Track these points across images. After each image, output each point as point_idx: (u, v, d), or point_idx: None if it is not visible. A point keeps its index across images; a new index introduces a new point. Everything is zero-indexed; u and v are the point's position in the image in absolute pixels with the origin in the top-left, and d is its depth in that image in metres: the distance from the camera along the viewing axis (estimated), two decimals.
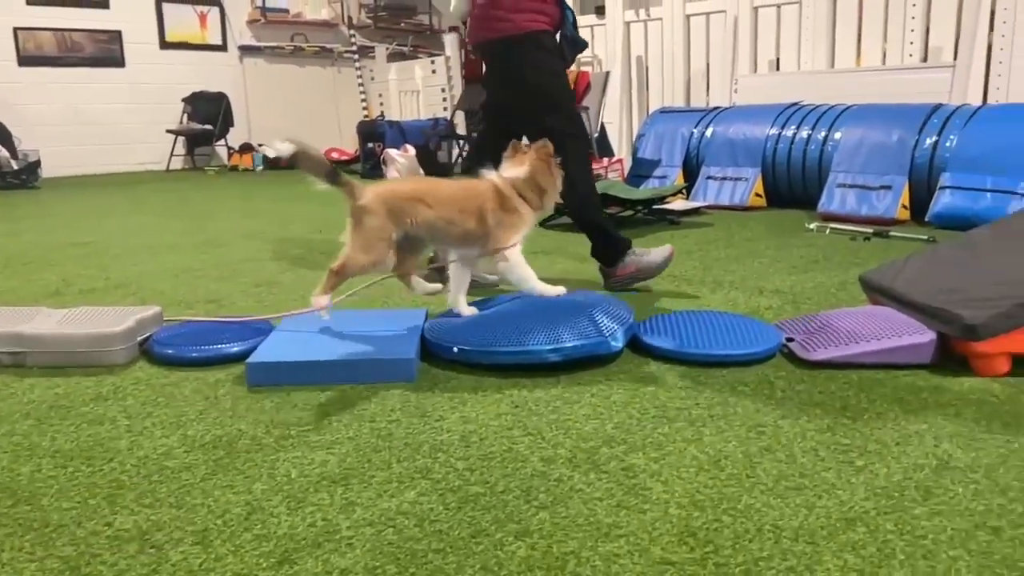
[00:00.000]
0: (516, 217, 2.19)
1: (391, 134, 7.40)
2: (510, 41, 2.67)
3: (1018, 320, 1.82)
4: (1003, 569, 1.09)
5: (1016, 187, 3.76)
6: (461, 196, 2.16)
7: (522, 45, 2.67)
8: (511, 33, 2.65)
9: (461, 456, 1.50)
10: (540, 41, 2.68)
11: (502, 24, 2.65)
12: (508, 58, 2.71)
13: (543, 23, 2.68)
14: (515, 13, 2.63)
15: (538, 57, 2.68)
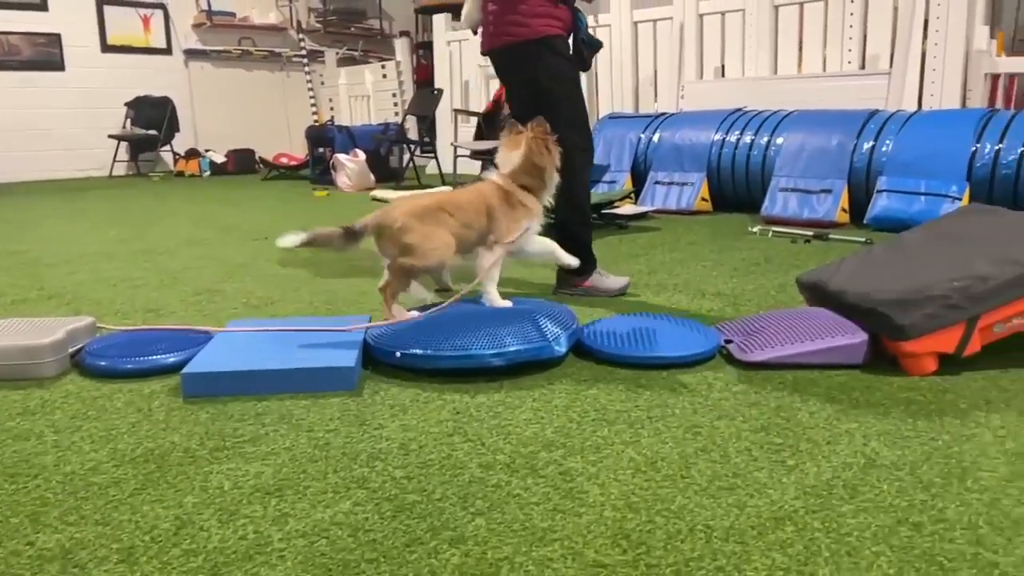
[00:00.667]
0: (521, 211, 2.26)
1: (341, 139, 7.33)
2: (525, 46, 2.67)
3: (944, 320, 1.88)
4: (922, 563, 1.13)
5: (948, 190, 3.89)
6: (473, 199, 2.25)
7: (536, 50, 2.66)
8: (527, 38, 2.65)
9: (399, 464, 1.49)
10: (554, 46, 2.68)
11: (518, 29, 2.66)
12: (523, 63, 2.71)
13: (557, 28, 2.69)
14: (530, 18, 2.64)
15: (552, 62, 2.69)
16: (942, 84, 5.08)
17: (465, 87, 8.14)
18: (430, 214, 2.19)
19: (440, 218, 2.19)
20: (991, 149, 3.87)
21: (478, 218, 2.23)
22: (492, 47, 2.79)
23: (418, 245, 2.16)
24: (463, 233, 2.22)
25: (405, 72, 9.20)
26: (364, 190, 6.71)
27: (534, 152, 2.26)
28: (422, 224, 2.17)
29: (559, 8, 2.70)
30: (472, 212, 2.23)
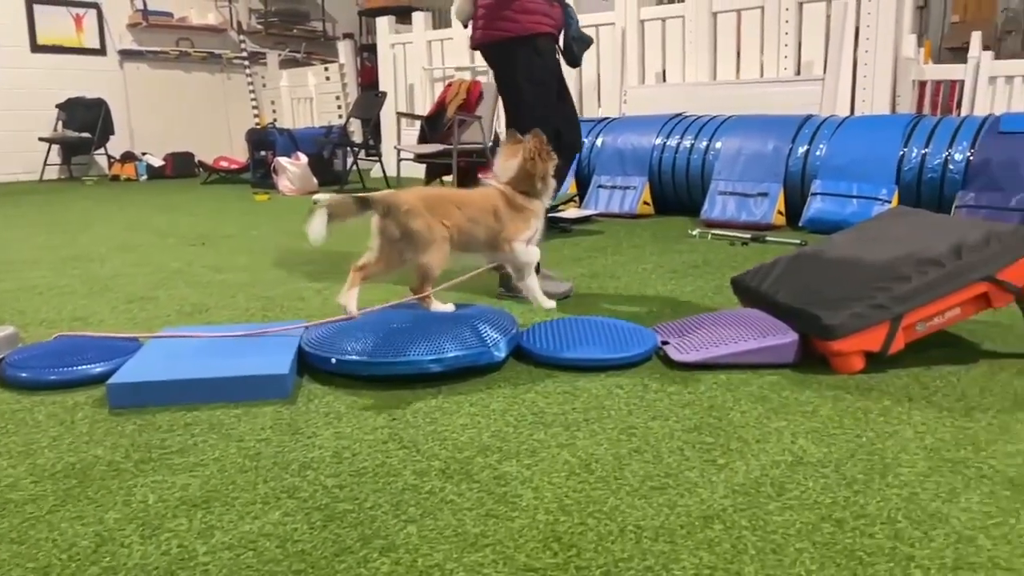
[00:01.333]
0: (526, 214, 2.31)
1: (282, 142, 7.21)
2: (509, 43, 2.70)
3: (870, 320, 1.93)
4: (843, 559, 1.15)
5: (878, 193, 4.01)
6: (480, 198, 2.30)
7: (520, 48, 2.70)
8: (515, 34, 2.68)
9: (331, 473, 1.47)
10: (537, 45, 2.71)
11: (507, 24, 2.68)
12: (506, 59, 2.75)
13: (547, 25, 2.72)
14: (521, 14, 2.67)
15: (531, 63, 2.72)
16: (873, 90, 5.25)
17: (410, 90, 8.10)
18: (439, 204, 2.20)
19: (448, 209, 2.20)
20: (918, 153, 4.00)
21: (485, 216, 2.25)
22: (481, 42, 2.81)
23: (421, 232, 2.14)
24: (470, 228, 2.24)
25: (349, 75, 9.11)
26: (306, 194, 6.62)
27: (528, 161, 2.30)
28: (430, 213, 2.16)
29: (554, 7, 2.74)
30: (478, 209, 2.25)
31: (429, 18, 7.94)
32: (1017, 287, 1.95)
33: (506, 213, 2.28)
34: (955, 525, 1.23)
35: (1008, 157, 3.67)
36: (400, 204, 2.13)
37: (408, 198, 2.15)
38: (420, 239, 2.14)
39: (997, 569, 1.11)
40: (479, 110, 5.62)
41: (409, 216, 2.12)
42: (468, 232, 2.24)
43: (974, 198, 3.68)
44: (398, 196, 2.16)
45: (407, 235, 2.14)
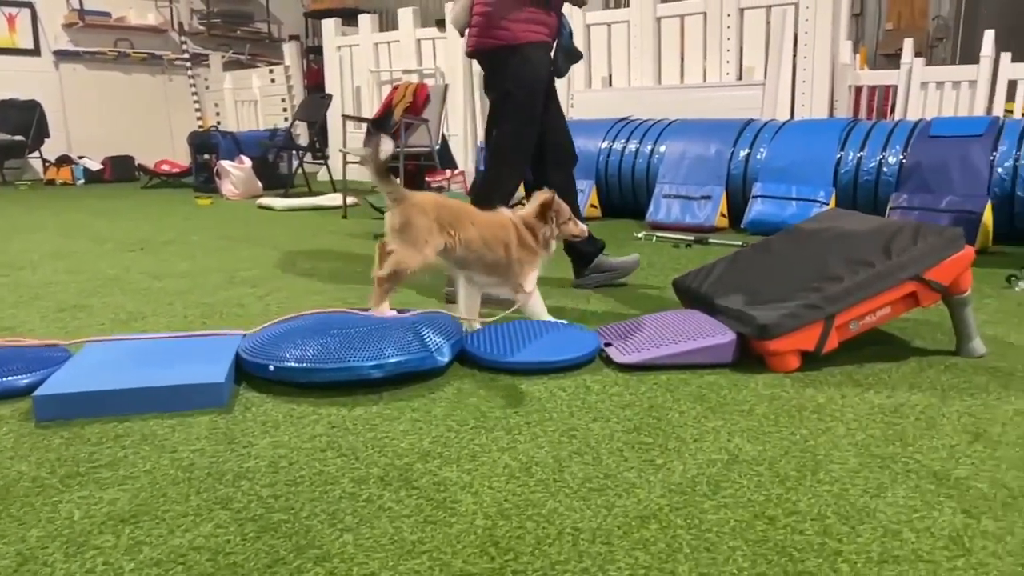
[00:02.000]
0: (532, 253, 2.30)
1: (225, 145, 7.07)
2: (503, 51, 2.72)
3: (805, 319, 1.98)
4: (774, 555, 1.18)
5: (816, 195, 4.11)
6: (495, 224, 2.26)
7: (512, 54, 2.71)
8: (508, 42, 2.70)
9: (267, 483, 1.44)
10: (527, 54, 2.72)
11: (501, 32, 2.70)
12: (499, 66, 2.76)
13: (541, 34, 2.74)
14: (515, 23, 2.69)
15: (520, 71, 2.74)
16: (812, 95, 5.38)
17: (357, 92, 8.02)
18: (453, 214, 2.20)
19: (462, 223, 2.20)
20: (854, 157, 4.12)
21: (497, 245, 2.24)
22: (475, 49, 2.83)
23: (418, 229, 2.14)
24: (480, 248, 2.22)
25: (294, 77, 8.98)
26: (251, 197, 6.50)
27: (536, 219, 2.30)
28: (437, 219, 2.16)
29: (549, 16, 2.76)
30: (493, 237, 2.23)
31: (376, 20, 7.88)
32: (943, 286, 2.01)
33: (516, 249, 2.26)
34: (881, 519, 1.27)
35: (938, 160, 3.79)
36: (411, 197, 2.15)
37: (421, 197, 2.19)
38: (412, 235, 2.14)
39: (920, 562, 1.15)
40: (426, 113, 5.59)
41: (414, 210, 2.14)
42: (477, 252, 2.23)
43: (907, 200, 3.79)
44: (415, 195, 2.18)
45: (404, 226, 2.14)
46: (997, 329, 2.34)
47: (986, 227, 3.54)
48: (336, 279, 3.25)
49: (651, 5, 5.98)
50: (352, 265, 3.54)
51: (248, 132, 8.04)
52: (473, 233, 2.22)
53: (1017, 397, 1.79)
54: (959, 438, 1.58)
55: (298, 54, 9.25)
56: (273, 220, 5.22)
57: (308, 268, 3.49)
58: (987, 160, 3.69)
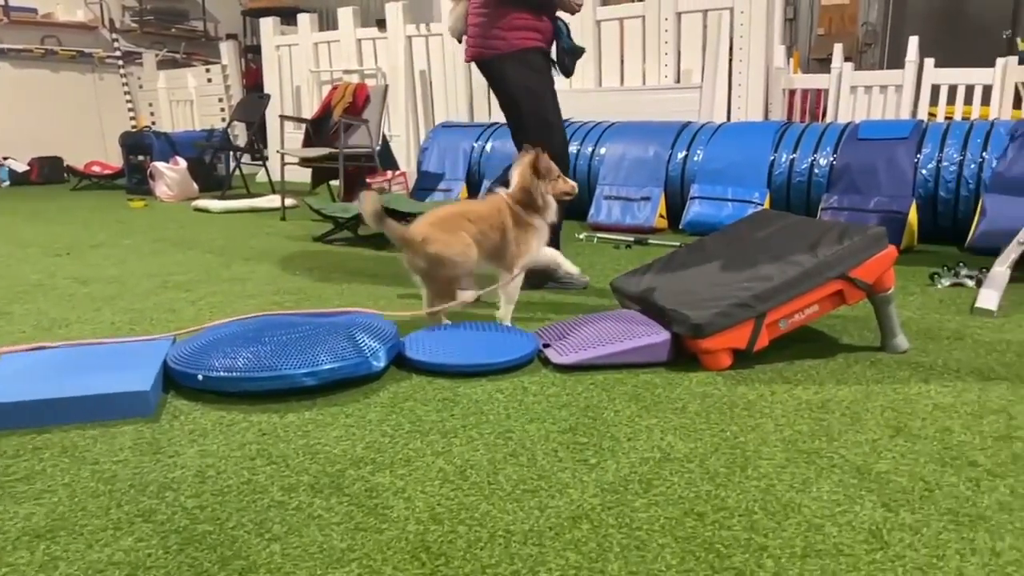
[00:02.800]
0: (529, 231, 2.36)
1: (159, 146, 6.87)
2: (502, 58, 2.78)
3: (736, 318, 2.01)
4: (702, 552, 1.19)
5: (751, 196, 4.20)
6: (490, 211, 2.34)
7: (512, 62, 2.78)
8: (504, 51, 2.77)
9: (193, 493, 1.40)
10: (528, 59, 2.79)
11: (496, 42, 2.77)
12: (501, 75, 2.83)
13: (535, 40, 2.80)
14: (508, 31, 2.75)
15: (524, 75, 2.80)
16: (747, 98, 5.50)
17: (296, 92, 7.90)
18: (449, 221, 2.28)
19: (460, 224, 2.28)
20: (787, 158, 4.22)
21: (493, 231, 2.32)
22: (474, 58, 2.89)
23: (442, 252, 2.23)
24: (480, 240, 2.30)
25: (232, 76, 8.79)
26: (186, 200, 6.34)
27: (524, 177, 2.35)
28: (443, 232, 2.24)
29: (542, 21, 2.81)
30: (488, 224, 2.32)
31: (315, 20, 7.77)
32: (868, 284, 2.07)
33: (511, 230, 2.34)
34: (806, 514, 1.29)
35: (866, 162, 3.91)
36: (415, 236, 2.23)
37: (420, 229, 2.24)
38: (444, 259, 2.24)
39: (841, 555, 1.18)
40: (366, 113, 5.53)
41: (426, 244, 2.22)
42: (479, 244, 2.31)
43: (837, 200, 3.90)
44: (412, 229, 2.25)
45: (429, 261, 2.24)
46: (920, 325, 2.42)
47: (911, 226, 3.67)
48: (273, 282, 3.19)
49: (591, 8, 6.03)
50: (290, 268, 3.48)
51: (183, 132, 7.83)
52: (473, 229, 2.29)
53: (937, 391, 1.86)
54: (881, 432, 1.62)
55: (236, 53, 9.06)
56: (209, 222, 5.10)
57: (244, 271, 3.42)
58: (912, 162, 3.82)
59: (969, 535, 1.22)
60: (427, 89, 7.06)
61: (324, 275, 3.33)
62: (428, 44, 6.92)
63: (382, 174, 5.28)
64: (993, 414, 1.71)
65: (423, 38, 6.93)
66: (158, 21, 9.82)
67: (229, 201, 5.78)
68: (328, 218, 4.30)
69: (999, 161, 3.59)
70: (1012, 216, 3.23)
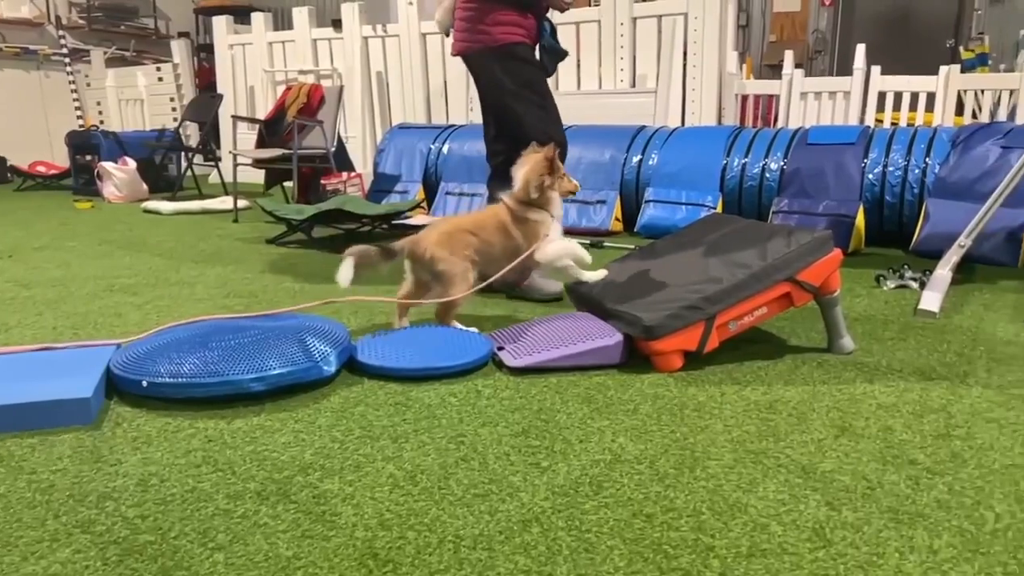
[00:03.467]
0: (533, 226, 2.37)
1: (108, 146, 6.70)
2: (487, 52, 2.81)
3: (687, 320, 2.04)
4: (650, 553, 1.20)
5: (704, 200, 4.26)
6: (491, 218, 2.40)
7: (500, 56, 2.80)
8: (489, 45, 2.79)
9: (134, 503, 1.37)
10: (516, 52, 2.81)
11: (481, 36, 2.79)
12: (488, 69, 2.85)
13: (520, 35, 2.81)
14: (493, 26, 2.78)
15: (516, 68, 2.82)
16: (701, 103, 5.57)
17: (250, 92, 7.77)
18: (456, 238, 2.32)
19: (466, 240, 2.32)
20: (739, 163, 4.29)
21: (497, 235, 2.37)
22: (460, 52, 2.90)
23: (446, 272, 2.29)
24: (487, 249, 2.36)
25: (184, 75, 8.62)
26: (135, 201, 6.19)
27: (531, 177, 2.36)
28: (450, 251, 2.30)
29: (527, 19, 2.83)
30: (491, 230, 2.37)
31: (270, 19, 7.66)
32: (815, 286, 2.11)
33: (514, 230, 2.37)
34: (752, 514, 1.31)
35: (815, 167, 3.99)
36: (423, 252, 2.28)
37: (427, 244, 2.29)
38: (446, 278, 2.29)
39: (785, 554, 1.19)
40: (321, 114, 5.47)
41: (433, 262, 2.28)
42: (487, 253, 2.36)
43: (787, 204, 3.98)
44: (419, 245, 2.29)
45: (435, 276, 2.30)
46: (866, 326, 2.48)
47: (859, 230, 3.75)
48: (223, 285, 3.13)
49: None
50: (241, 271, 3.42)
51: (133, 132, 7.65)
52: (476, 241, 2.34)
53: (880, 391, 1.90)
54: (827, 432, 1.66)
55: (188, 52, 8.88)
56: (159, 224, 4.99)
57: (194, 274, 3.35)
58: (859, 167, 3.91)
59: (908, 533, 1.25)
60: (384, 90, 7.02)
61: (277, 278, 3.28)
62: (385, 45, 6.88)
63: (337, 175, 5.22)
64: (933, 413, 1.75)
65: (379, 39, 6.89)
66: (107, 18, 9.58)
67: (180, 203, 5.66)
68: (281, 220, 4.24)
69: (942, 167, 3.69)
70: (954, 220, 3.32)
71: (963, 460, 1.51)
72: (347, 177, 5.39)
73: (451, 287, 2.29)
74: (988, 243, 3.33)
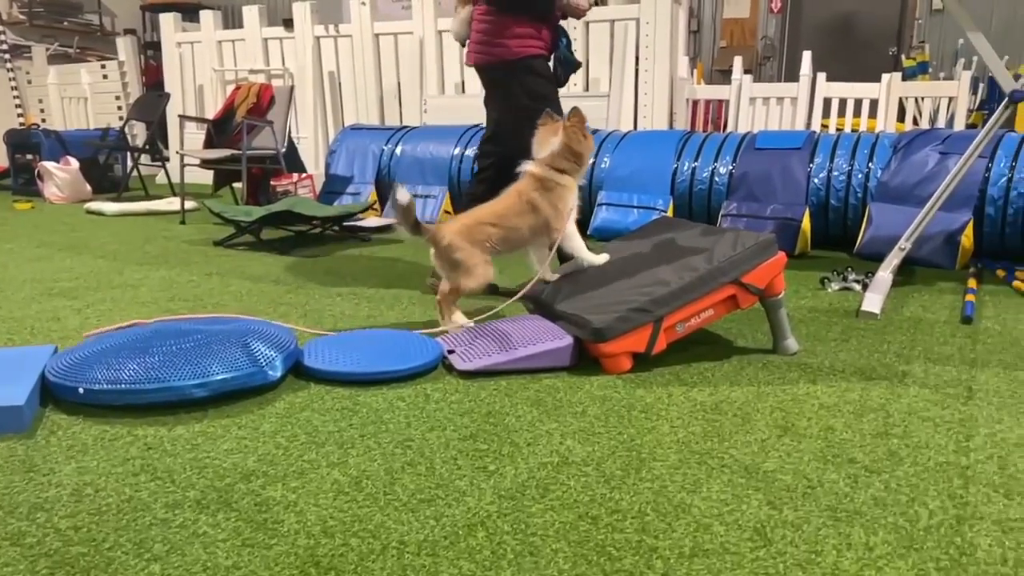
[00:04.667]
0: (560, 192, 2.39)
1: (49, 145, 6.51)
2: (504, 66, 2.82)
3: (635, 322, 2.05)
4: (594, 555, 1.20)
5: (656, 203, 4.30)
6: (515, 200, 2.41)
7: (516, 70, 2.81)
8: (506, 58, 2.80)
9: (67, 513, 1.32)
10: (533, 66, 2.81)
11: (498, 49, 2.81)
12: (504, 82, 2.86)
13: (537, 48, 2.81)
14: (510, 39, 2.77)
15: (530, 82, 2.82)
16: (653, 107, 5.64)
17: (199, 92, 7.62)
18: (477, 230, 2.37)
19: (486, 232, 2.37)
20: (689, 166, 4.34)
21: (522, 218, 2.40)
22: (475, 64, 2.91)
23: (464, 261, 2.34)
24: (510, 234, 2.40)
25: (130, 73, 8.41)
26: (78, 202, 6.02)
27: (572, 139, 2.39)
28: (470, 242, 2.35)
29: (543, 30, 2.84)
30: (514, 215, 2.40)
31: (219, 17, 7.53)
32: (760, 289, 2.15)
33: (542, 200, 2.38)
34: (695, 514, 1.33)
35: (763, 171, 4.06)
36: (440, 240, 2.35)
37: (447, 232, 2.35)
38: (463, 267, 2.35)
39: (727, 554, 1.21)
40: (271, 114, 5.38)
41: (450, 250, 2.34)
42: (511, 238, 2.41)
43: (736, 208, 4.04)
44: (439, 233, 2.36)
45: (451, 264, 2.36)
46: (810, 327, 2.53)
47: (805, 233, 3.83)
48: (168, 288, 3.06)
49: None
50: (187, 273, 3.35)
51: (76, 131, 7.45)
52: (498, 232, 2.38)
53: (823, 392, 1.94)
54: (770, 432, 1.68)
55: (134, 49, 8.67)
56: (103, 226, 4.86)
57: (138, 277, 3.27)
58: (805, 171, 4.00)
59: (846, 530, 1.28)
60: (336, 91, 6.95)
61: (224, 281, 3.21)
62: (337, 45, 6.81)
63: (287, 177, 5.15)
64: (873, 412, 1.80)
65: (332, 39, 6.82)
66: (49, 14, 9.31)
67: (125, 204, 5.52)
68: (230, 222, 4.16)
69: (884, 172, 3.79)
70: (895, 223, 3.41)
71: (900, 458, 1.55)
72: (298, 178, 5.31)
73: (466, 276, 2.34)
74: (927, 246, 3.43)
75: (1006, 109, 2.87)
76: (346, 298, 2.92)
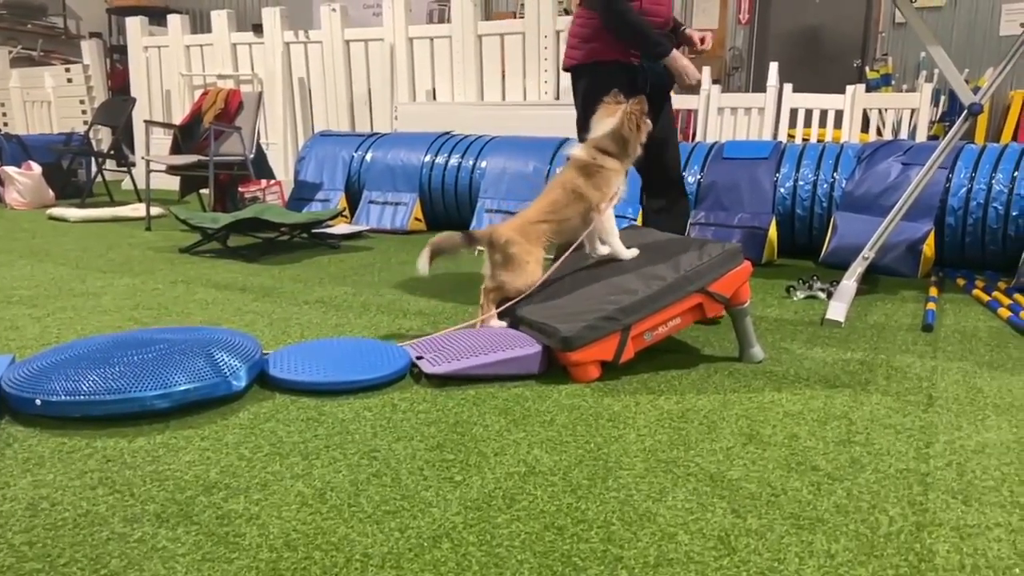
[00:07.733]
0: (603, 174, 2.39)
1: (10, 149, 6.38)
2: (576, 70, 2.83)
3: (603, 331, 2.06)
4: (559, 565, 1.20)
5: (625, 212, 4.32)
6: (559, 192, 2.42)
7: (583, 73, 2.80)
8: (575, 63, 2.81)
9: (22, 528, 1.29)
10: (598, 71, 2.75)
11: (572, 52, 2.82)
12: (574, 82, 2.86)
13: (609, 54, 2.74)
14: (585, 43, 2.76)
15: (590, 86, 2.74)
16: None
17: (167, 96, 7.53)
18: (529, 230, 2.38)
19: (539, 230, 2.39)
20: None
21: (571, 207, 2.40)
22: (564, 66, 2.91)
23: (518, 256, 2.35)
24: (562, 226, 2.41)
25: (95, 77, 8.28)
26: (41, 207, 5.91)
27: (625, 125, 2.38)
28: (526, 240, 2.36)
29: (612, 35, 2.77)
30: (562, 206, 2.41)
31: (187, 21, 7.45)
32: (726, 297, 2.17)
33: (585, 185, 2.39)
34: (661, 523, 1.33)
35: (731, 180, 4.11)
36: (500, 236, 2.36)
37: (505, 230, 2.38)
38: (515, 263, 2.35)
39: (691, 563, 1.21)
40: (239, 120, 5.33)
41: (508, 244, 2.35)
42: (562, 229, 2.42)
43: (704, 216, 4.08)
44: (497, 230, 2.39)
45: (506, 259, 2.36)
46: (776, 335, 2.56)
47: (771, 242, 3.88)
48: (132, 296, 3.01)
49: (472, 22, 6.08)
50: (152, 281, 3.30)
51: (39, 135, 7.31)
52: (550, 227, 2.40)
53: (787, 399, 1.96)
54: (735, 440, 1.70)
55: (99, 53, 8.55)
56: (65, 232, 4.77)
57: (101, 285, 3.21)
58: (772, 181, 4.05)
59: (808, 538, 1.29)
60: (306, 97, 6.90)
61: (189, 289, 3.17)
62: (307, 51, 6.77)
63: (256, 183, 5.10)
64: (836, 420, 1.82)
65: (302, 45, 6.78)
66: (11, 16, 9.15)
67: (89, 210, 5.43)
68: (196, 228, 4.11)
69: (848, 181, 3.85)
70: (860, 232, 3.47)
71: (861, 465, 1.57)
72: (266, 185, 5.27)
73: (517, 273, 2.34)
74: (891, 255, 3.49)
75: (965, 121, 2.93)
76: (313, 306, 2.89)
